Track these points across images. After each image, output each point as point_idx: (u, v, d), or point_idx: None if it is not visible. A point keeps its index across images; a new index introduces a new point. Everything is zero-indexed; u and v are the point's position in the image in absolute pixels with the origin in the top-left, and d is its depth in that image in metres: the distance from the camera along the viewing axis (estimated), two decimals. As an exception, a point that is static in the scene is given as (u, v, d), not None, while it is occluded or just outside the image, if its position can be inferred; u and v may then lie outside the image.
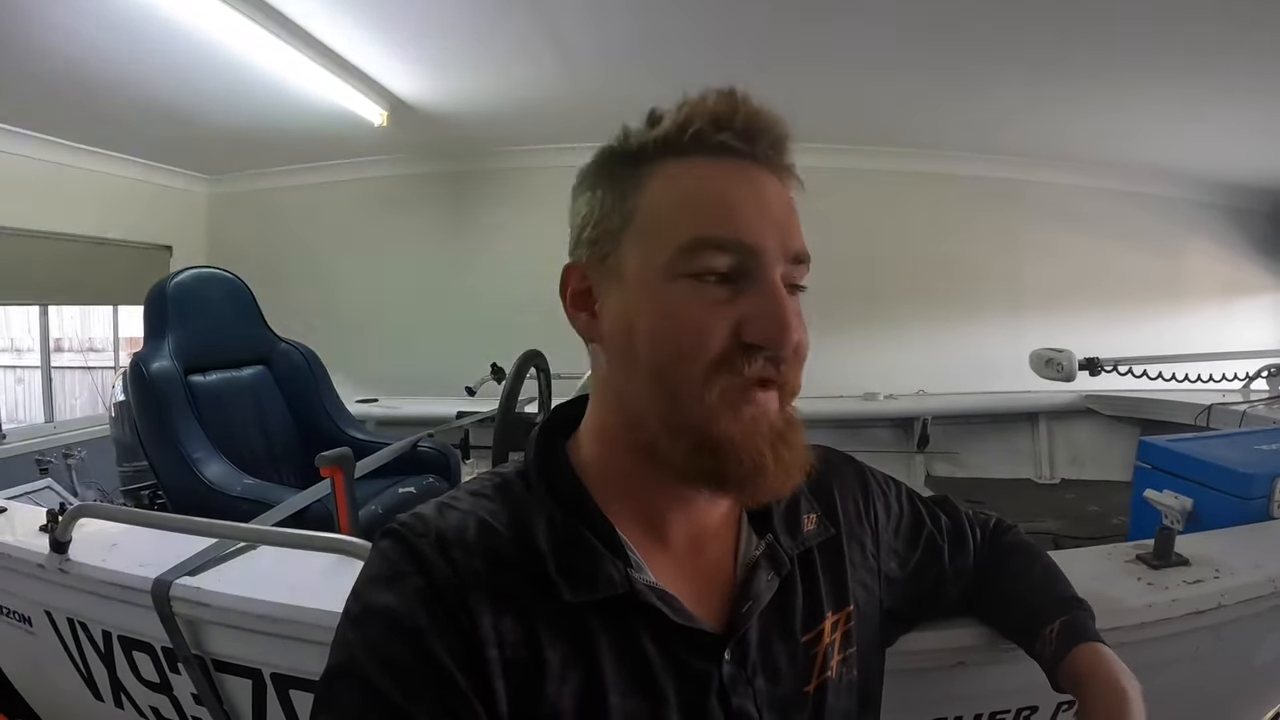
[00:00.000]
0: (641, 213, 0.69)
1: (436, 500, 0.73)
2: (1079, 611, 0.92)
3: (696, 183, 0.68)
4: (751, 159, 0.68)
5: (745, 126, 0.68)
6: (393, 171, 5.26)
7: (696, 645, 0.69)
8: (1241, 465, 1.71)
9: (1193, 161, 4.86)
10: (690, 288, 0.65)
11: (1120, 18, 2.82)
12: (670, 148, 0.69)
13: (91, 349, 6.88)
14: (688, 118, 0.68)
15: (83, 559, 1.53)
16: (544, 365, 2.88)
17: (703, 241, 0.65)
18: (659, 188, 0.69)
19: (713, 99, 0.68)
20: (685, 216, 0.67)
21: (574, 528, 0.69)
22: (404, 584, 0.64)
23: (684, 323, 0.65)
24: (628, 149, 0.72)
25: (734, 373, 0.65)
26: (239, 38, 2.81)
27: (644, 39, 3.15)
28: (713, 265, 0.65)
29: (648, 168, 0.70)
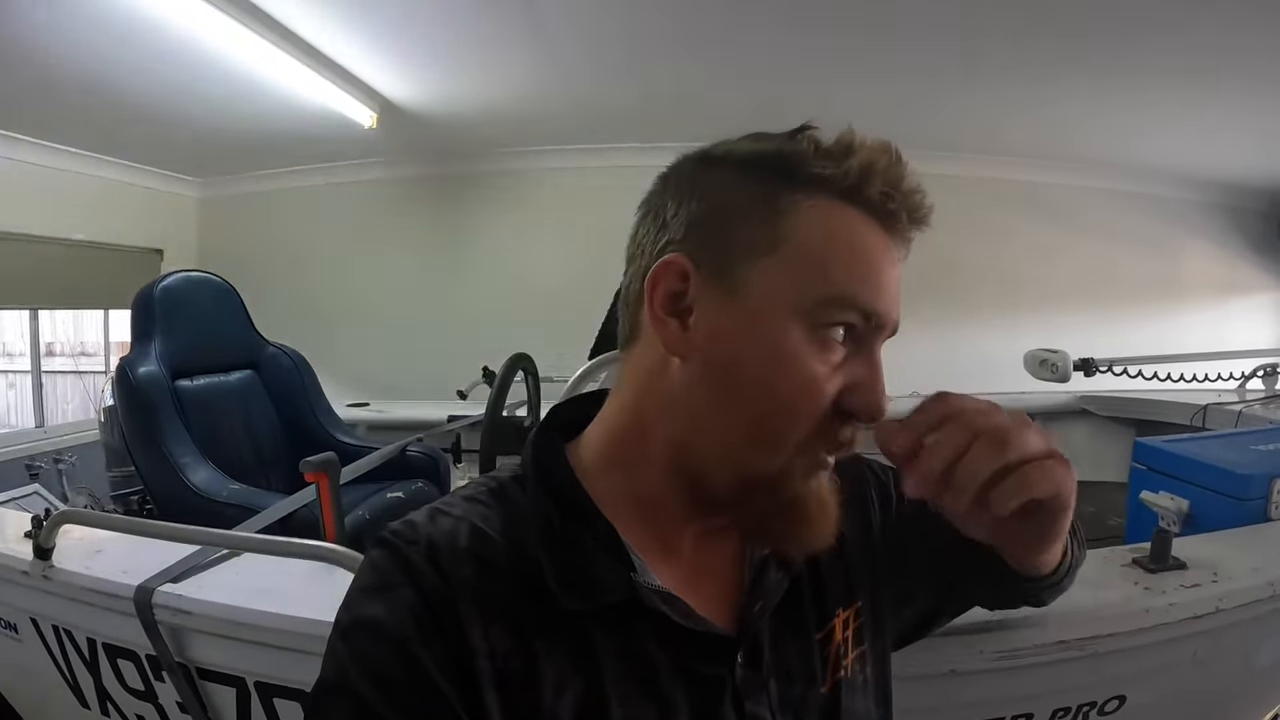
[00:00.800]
0: (794, 243, 0.64)
1: (430, 506, 0.71)
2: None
3: (855, 237, 0.64)
4: (895, 223, 0.65)
5: (908, 196, 0.65)
6: (383, 174, 5.25)
7: (707, 649, 0.67)
8: (1238, 466, 1.70)
9: (1189, 161, 4.87)
10: (818, 340, 0.62)
11: (1117, 20, 2.82)
12: (835, 187, 0.64)
13: (83, 353, 6.88)
14: (870, 166, 0.63)
15: (67, 566, 1.53)
16: (532, 369, 2.87)
17: (847, 298, 0.62)
18: (816, 224, 0.64)
19: (880, 153, 0.64)
20: (839, 268, 0.63)
21: (573, 532, 0.67)
22: (393, 595, 0.62)
23: (802, 373, 0.62)
24: (787, 165, 0.65)
25: (827, 437, 0.64)
26: (229, 41, 2.79)
27: (631, 41, 3.14)
28: (846, 321, 0.63)
29: (807, 196, 0.64)
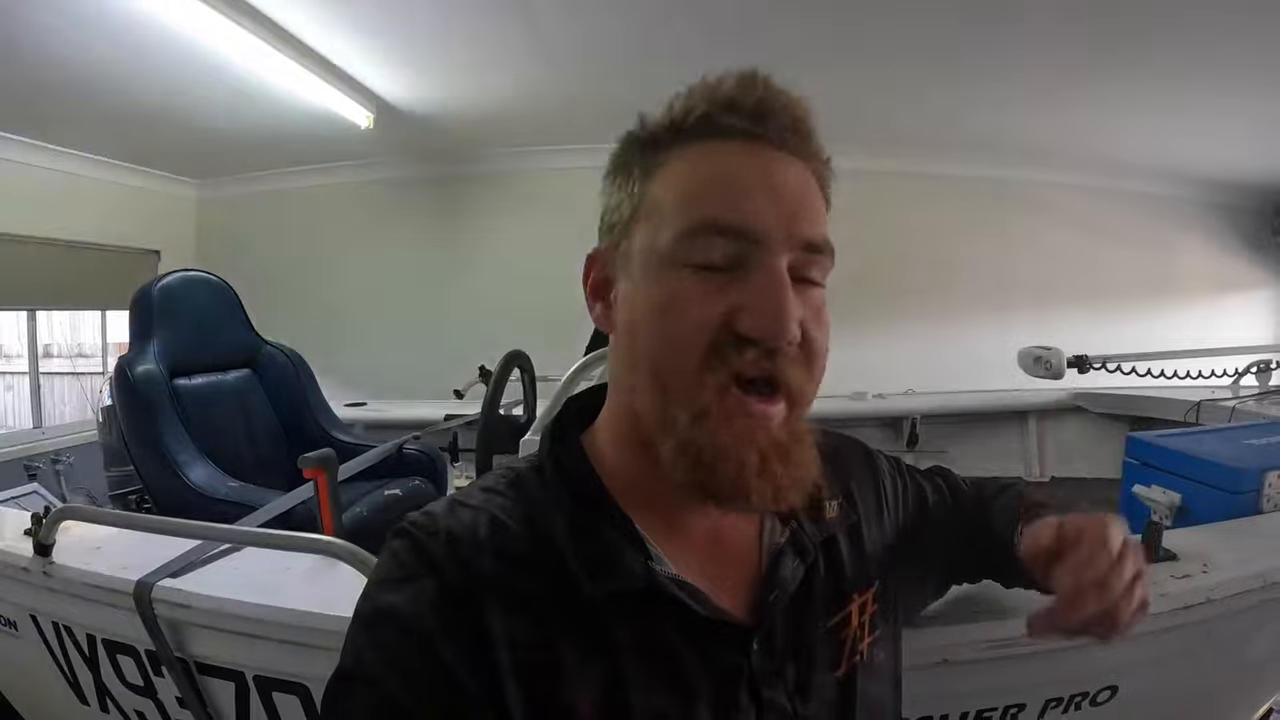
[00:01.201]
0: (649, 199, 0.67)
1: (449, 497, 0.72)
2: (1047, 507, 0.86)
3: (701, 166, 0.66)
4: (764, 141, 0.66)
5: (757, 107, 0.66)
6: (380, 175, 5.26)
7: (724, 637, 0.67)
8: (1230, 460, 1.71)
9: (1182, 159, 4.89)
10: (688, 275, 0.63)
11: (1112, 21, 2.83)
12: (680, 132, 0.67)
13: (80, 354, 6.87)
14: (697, 101, 0.67)
15: (66, 562, 1.53)
16: (528, 366, 2.87)
17: (702, 226, 0.63)
18: (666, 173, 0.67)
19: (728, 82, 0.67)
20: (686, 200, 0.65)
21: (591, 521, 0.67)
22: (413, 586, 0.63)
23: (679, 311, 0.63)
24: (642, 135, 0.70)
25: (725, 365, 0.62)
26: (225, 42, 2.80)
27: (628, 39, 3.15)
28: (710, 250, 0.62)
29: (661, 155, 0.68)
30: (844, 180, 2.82)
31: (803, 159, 0.68)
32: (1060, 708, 1.16)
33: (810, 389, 0.66)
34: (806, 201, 0.66)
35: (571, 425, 0.77)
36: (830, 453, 0.85)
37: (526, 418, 2.86)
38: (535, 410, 2.93)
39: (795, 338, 0.62)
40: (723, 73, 0.68)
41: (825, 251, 0.66)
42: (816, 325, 0.65)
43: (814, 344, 0.65)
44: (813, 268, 0.65)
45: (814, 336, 0.65)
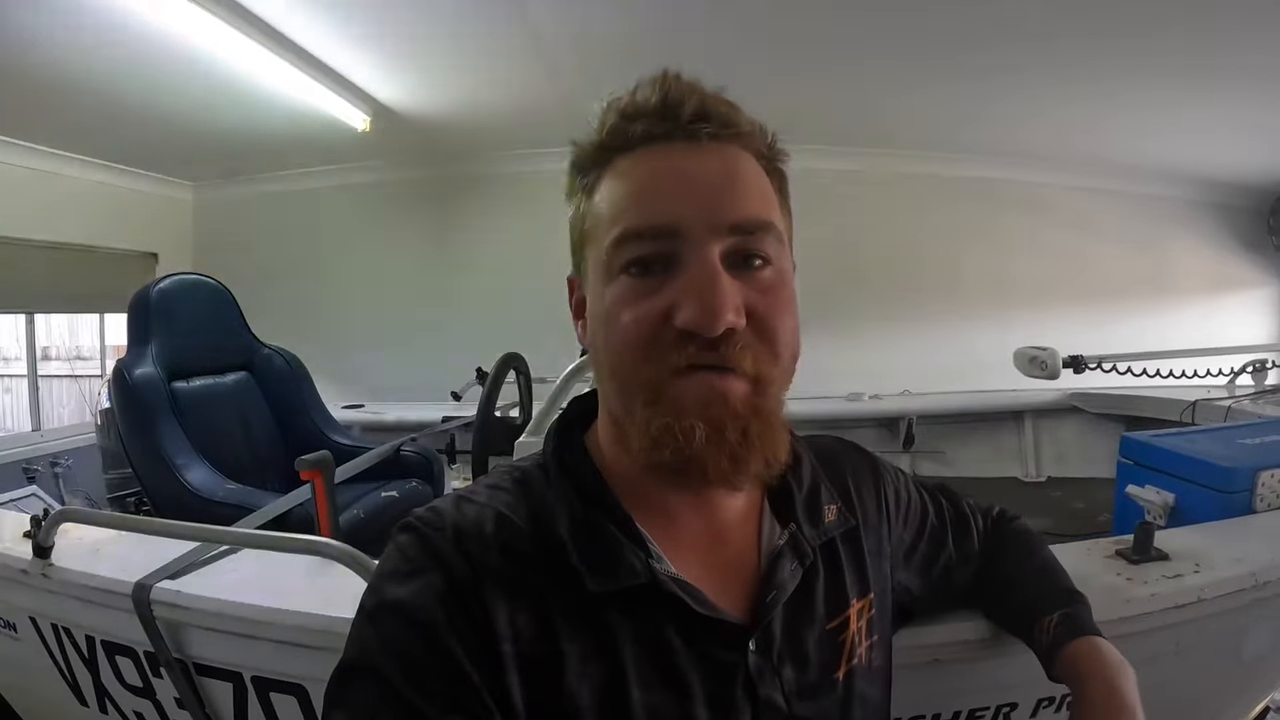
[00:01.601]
0: (589, 218, 0.70)
1: (454, 494, 0.73)
2: (1078, 605, 0.92)
3: (621, 177, 0.68)
4: (676, 138, 0.67)
5: (661, 107, 0.67)
6: (377, 177, 5.27)
7: (721, 636, 0.68)
8: (1223, 459, 1.71)
9: (1178, 159, 4.88)
10: (624, 282, 0.65)
11: (1107, 21, 2.83)
12: (605, 149, 0.70)
13: (78, 357, 6.87)
14: (608, 116, 0.69)
15: (65, 564, 1.53)
16: (524, 368, 2.88)
17: (624, 234, 0.64)
18: (599, 191, 0.70)
19: (639, 90, 0.68)
20: (613, 213, 0.66)
21: (594, 518, 0.68)
22: (419, 579, 0.64)
23: (619, 318, 0.64)
24: (578, 159, 0.73)
25: (666, 362, 0.63)
26: (223, 44, 2.80)
27: (624, 41, 3.14)
28: (636, 255, 0.64)
29: (592, 174, 0.71)
30: (838, 182, 2.86)
31: (723, 142, 0.68)
32: (1053, 707, 1.16)
33: (772, 369, 0.65)
34: (728, 186, 0.66)
35: (575, 425, 0.78)
36: (831, 456, 0.87)
37: (522, 419, 2.87)
38: (531, 412, 2.93)
39: (733, 324, 0.62)
40: (639, 78, 0.69)
41: (763, 228, 0.66)
42: (770, 305, 0.65)
43: (767, 325, 0.65)
44: (754, 247, 0.65)
45: (767, 317, 0.65)
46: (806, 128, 4.40)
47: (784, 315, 0.66)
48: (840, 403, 3.97)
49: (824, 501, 0.80)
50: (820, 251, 4.55)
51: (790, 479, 0.78)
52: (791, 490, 0.78)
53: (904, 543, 0.93)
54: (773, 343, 0.65)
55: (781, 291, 0.67)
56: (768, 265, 0.66)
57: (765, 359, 0.64)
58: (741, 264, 0.65)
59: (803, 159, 2.67)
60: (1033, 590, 0.96)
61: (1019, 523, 1.09)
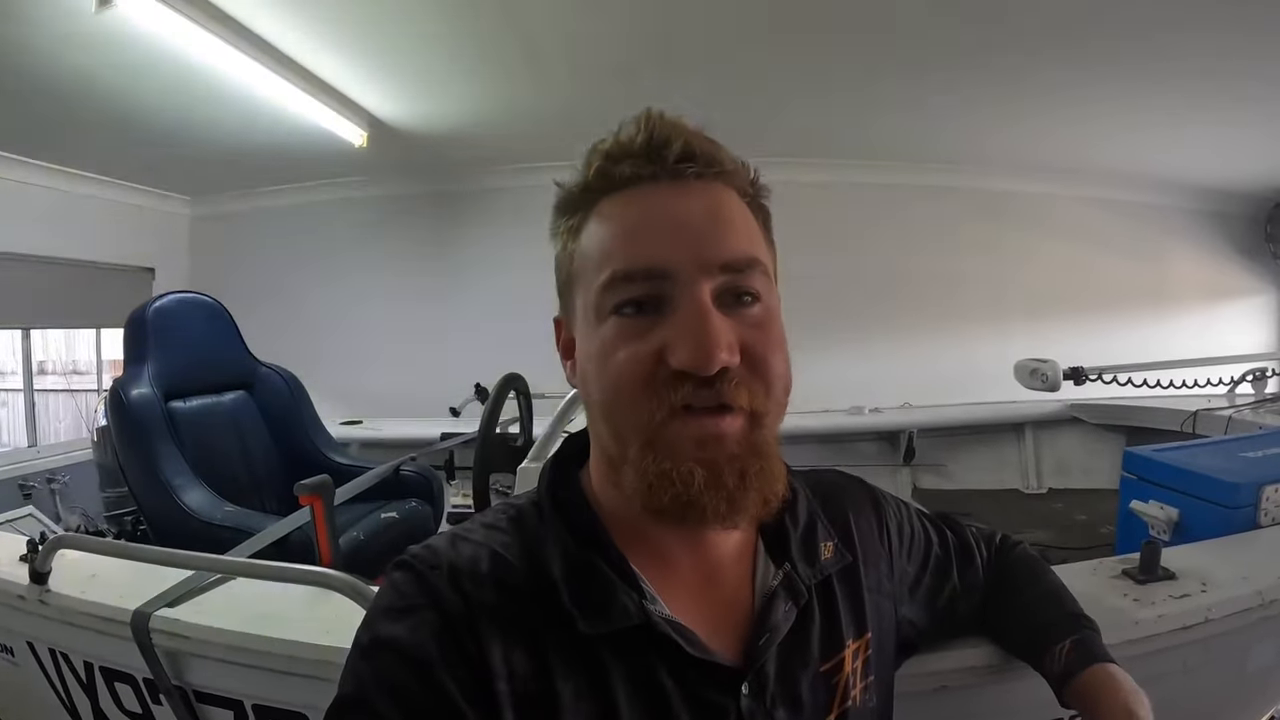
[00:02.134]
0: (577, 260, 0.70)
1: (450, 531, 0.73)
2: (1088, 631, 0.92)
3: (608, 219, 0.68)
4: (663, 178, 0.67)
5: (646, 148, 0.67)
6: (374, 193, 5.27)
7: (714, 678, 0.67)
8: (1227, 474, 1.70)
9: (1176, 168, 4.91)
10: (616, 324, 0.65)
11: (1104, 31, 2.84)
12: (590, 191, 0.70)
13: (75, 372, 6.85)
14: (593, 157, 0.69)
15: (63, 590, 1.52)
16: (524, 388, 2.87)
17: (614, 276, 0.64)
18: (586, 232, 0.70)
19: (623, 130, 0.69)
20: (602, 254, 0.67)
21: (587, 558, 0.68)
22: (415, 616, 0.63)
23: (613, 360, 0.64)
24: (564, 200, 0.73)
25: (662, 401, 0.63)
26: (220, 61, 2.81)
27: (623, 56, 3.16)
28: (627, 297, 0.64)
29: (579, 215, 0.71)
30: (837, 195, 2.85)
31: (708, 180, 0.68)
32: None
33: (767, 405, 0.65)
34: (715, 225, 0.66)
35: (570, 462, 0.78)
36: (830, 491, 0.86)
37: (523, 440, 2.86)
38: (531, 433, 2.93)
39: (727, 363, 0.62)
40: (623, 119, 0.70)
41: (751, 266, 0.66)
42: (761, 341, 0.65)
43: (760, 360, 0.65)
44: (744, 285, 0.66)
45: (759, 353, 0.65)
46: (807, 143, 4.42)
47: (775, 350, 0.66)
48: (841, 416, 3.96)
49: (820, 539, 0.80)
50: (821, 265, 4.57)
51: (786, 517, 0.78)
52: (787, 529, 0.78)
53: (907, 576, 0.92)
54: (766, 377, 0.65)
55: (772, 327, 0.67)
56: (757, 302, 0.67)
57: (759, 394, 0.65)
58: (732, 302, 0.65)
59: (802, 173, 2.69)
60: (1041, 617, 0.96)
61: (1022, 548, 1.08)
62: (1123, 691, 0.81)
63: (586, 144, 0.72)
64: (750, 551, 0.77)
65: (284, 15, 2.68)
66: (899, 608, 0.88)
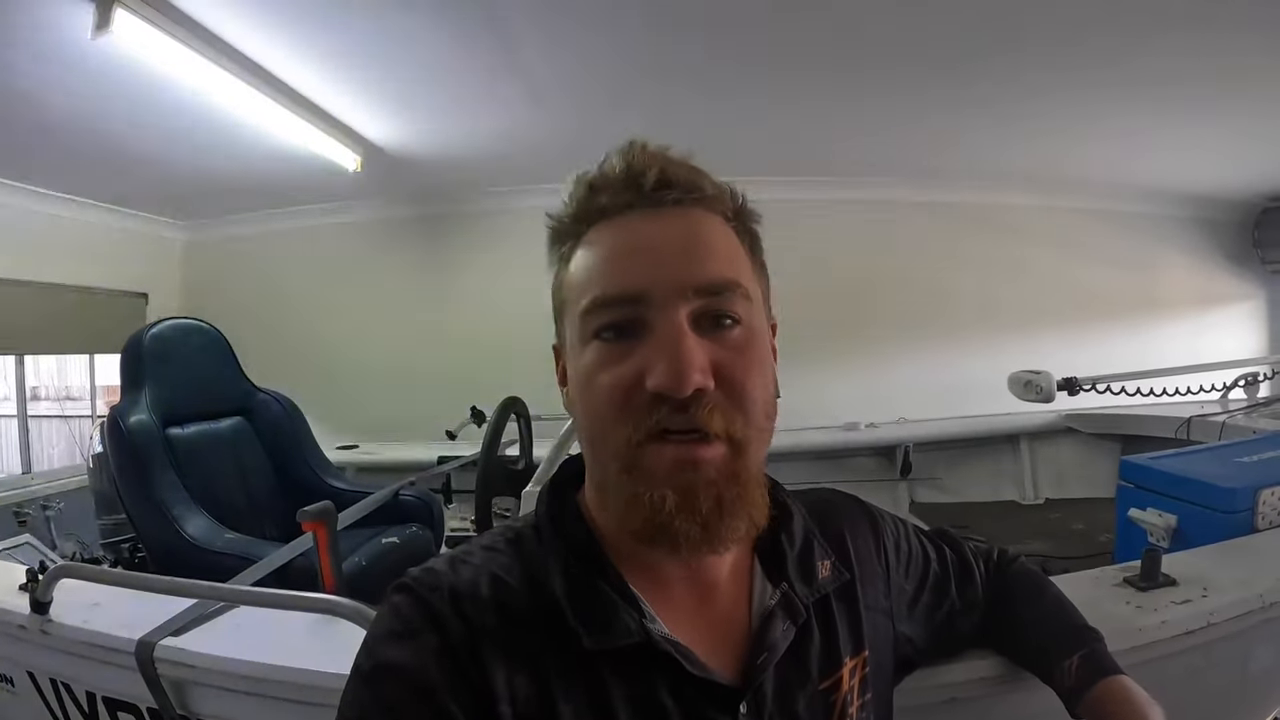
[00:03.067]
0: (565, 288, 0.72)
1: (449, 554, 0.73)
2: (1096, 643, 0.92)
3: (590, 248, 0.70)
4: (640, 207, 0.69)
5: (625, 177, 0.69)
6: (368, 216, 5.26)
7: (713, 698, 0.68)
8: (1223, 480, 1.72)
9: (1163, 176, 4.92)
10: (596, 349, 0.67)
11: (1089, 41, 2.86)
12: (577, 220, 0.72)
13: (68, 398, 6.83)
14: (577, 188, 0.72)
15: (64, 619, 1.51)
16: (524, 411, 2.88)
17: (594, 303, 0.66)
18: (572, 261, 0.72)
19: (604, 162, 0.71)
20: (584, 282, 0.69)
21: (588, 577, 0.69)
22: (417, 641, 0.64)
23: (593, 383, 0.66)
24: (554, 229, 0.75)
25: (638, 425, 0.64)
26: (214, 85, 2.80)
27: (613, 80, 3.17)
28: (607, 321, 0.66)
29: (567, 245, 0.73)
30: (827, 212, 2.87)
31: (687, 206, 0.70)
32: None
33: (745, 429, 0.66)
34: (691, 249, 0.67)
35: (568, 485, 0.79)
36: (826, 510, 0.87)
37: (524, 463, 2.86)
38: (532, 456, 2.93)
39: (701, 385, 0.62)
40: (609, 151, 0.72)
41: (729, 289, 0.67)
42: (739, 364, 0.66)
43: (737, 384, 0.65)
44: (722, 307, 0.66)
45: (736, 376, 0.65)
46: (798, 160, 4.44)
47: (754, 373, 0.67)
48: (837, 432, 3.97)
49: (817, 557, 0.80)
50: (814, 281, 4.58)
51: (782, 536, 0.79)
52: (783, 548, 0.78)
53: (905, 593, 0.92)
54: (742, 401, 0.65)
55: (751, 350, 0.68)
56: (737, 325, 0.67)
57: (737, 420, 0.65)
58: (710, 325, 0.66)
59: (793, 190, 2.71)
60: (1047, 633, 0.97)
61: (1021, 563, 1.08)
62: (1137, 704, 0.81)
63: (580, 168, 0.73)
64: (746, 571, 0.78)
65: (278, 40, 2.67)
66: (897, 625, 0.89)
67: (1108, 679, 0.86)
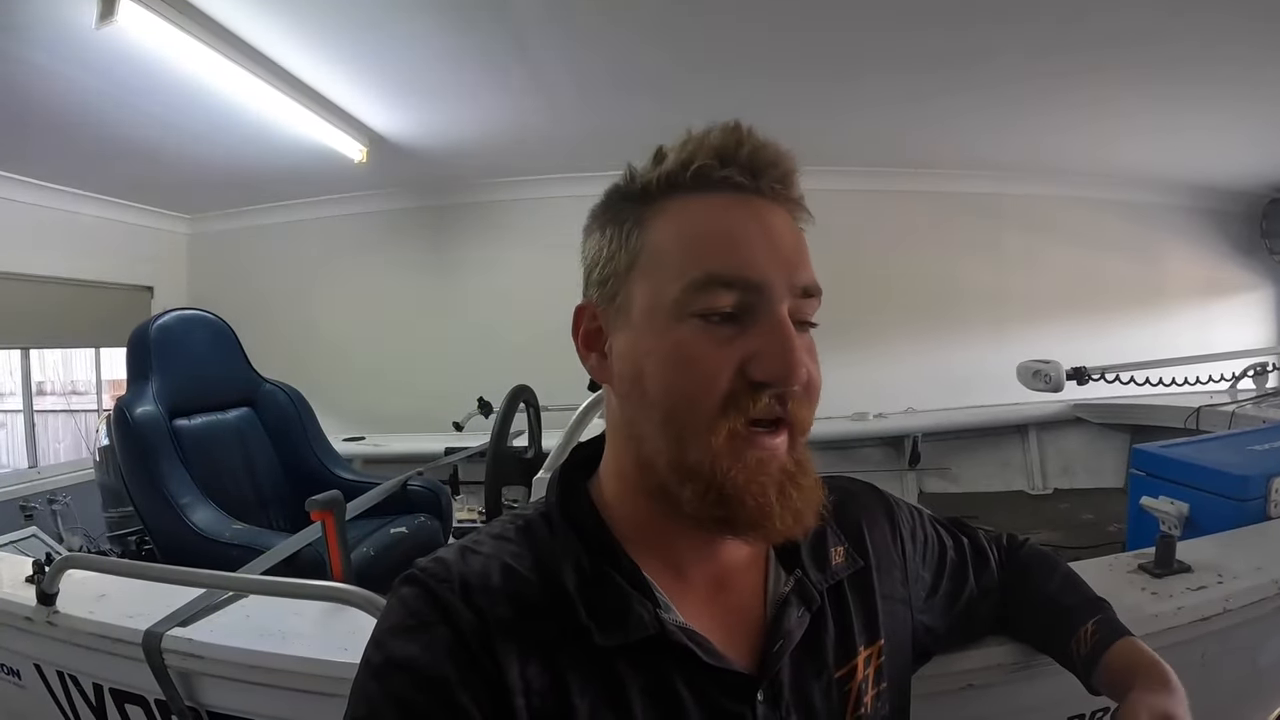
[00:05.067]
0: (647, 251, 0.69)
1: (458, 544, 0.72)
2: (1108, 610, 0.93)
3: (701, 219, 0.67)
4: (757, 193, 0.68)
5: (750, 161, 0.68)
6: (374, 207, 5.26)
7: (729, 687, 0.67)
8: (1236, 467, 1.72)
9: (1170, 167, 4.92)
10: (697, 326, 0.64)
11: (1095, 30, 2.85)
12: (675, 185, 0.69)
13: (74, 392, 6.83)
14: (691, 154, 0.68)
15: (71, 611, 1.50)
16: (533, 400, 2.87)
17: (708, 279, 0.64)
18: (664, 226, 0.69)
19: (717, 134, 0.68)
20: (690, 254, 0.66)
21: (601, 569, 0.67)
22: (427, 634, 0.63)
23: (691, 362, 0.64)
24: (633, 188, 0.72)
25: (740, 412, 0.63)
26: (218, 76, 2.80)
27: (620, 70, 3.16)
28: (718, 302, 0.64)
29: (653, 206, 0.70)
30: (836, 201, 2.85)
31: (791, 209, 0.71)
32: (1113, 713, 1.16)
33: (810, 420, 0.68)
34: (799, 250, 0.69)
35: (578, 473, 0.78)
36: (843, 498, 0.86)
37: (533, 452, 2.86)
38: (541, 444, 2.92)
39: (807, 380, 0.65)
40: (707, 125, 0.70)
41: (817, 295, 0.70)
42: (814, 363, 0.68)
43: (814, 381, 0.68)
44: (807, 311, 0.69)
45: (814, 374, 0.68)
46: (806, 148, 4.41)
47: (819, 374, 0.69)
48: (845, 423, 3.97)
49: (830, 544, 0.80)
50: (823, 271, 4.58)
51: None
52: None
53: (923, 582, 0.92)
54: (814, 398, 0.68)
55: (815, 350, 0.70)
56: (811, 327, 0.70)
57: (810, 411, 0.68)
58: (797, 325, 0.67)
59: (805, 179, 2.66)
60: (1061, 605, 0.96)
61: (1032, 545, 1.08)
62: (1148, 658, 0.82)
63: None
64: (761, 559, 0.77)
65: (284, 30, 2.67)
66: (916, 614, 0.88)
67: (1120, 640, 0.86)
